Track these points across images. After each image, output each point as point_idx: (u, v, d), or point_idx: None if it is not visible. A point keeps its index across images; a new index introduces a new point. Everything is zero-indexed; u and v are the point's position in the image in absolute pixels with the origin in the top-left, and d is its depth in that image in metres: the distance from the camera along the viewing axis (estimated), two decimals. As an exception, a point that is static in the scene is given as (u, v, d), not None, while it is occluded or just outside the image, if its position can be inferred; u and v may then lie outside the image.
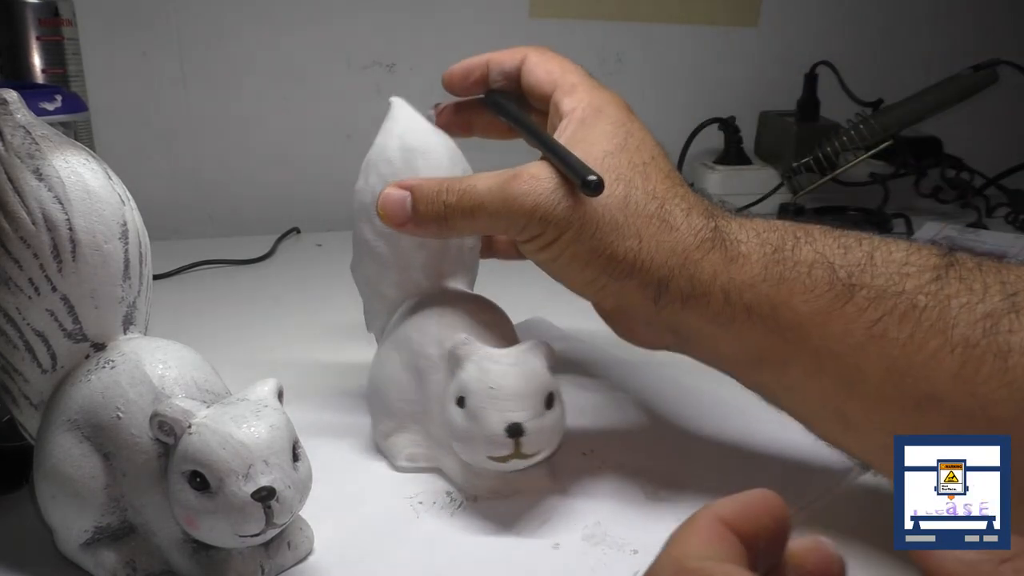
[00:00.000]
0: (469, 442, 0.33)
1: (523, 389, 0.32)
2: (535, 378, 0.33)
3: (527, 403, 0.32)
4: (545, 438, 0.33)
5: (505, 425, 0.32)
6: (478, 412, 0.32)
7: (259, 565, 0.30)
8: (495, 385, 0.32)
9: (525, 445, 0.32)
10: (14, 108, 0.31)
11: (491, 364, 0.33)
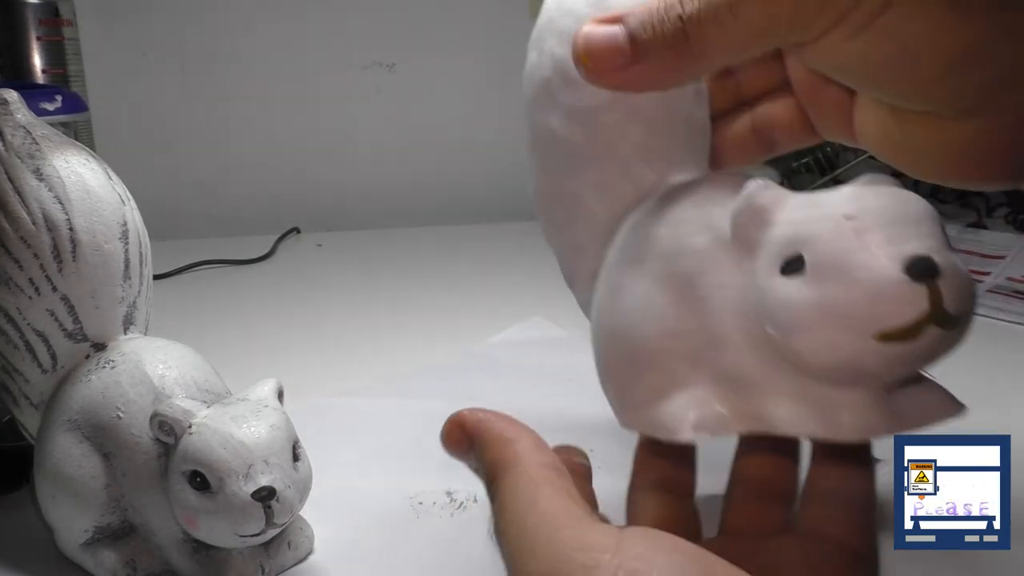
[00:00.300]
0: (833, 320, 0.19)
1: (903, 212, 0.19)
2: (916, 201, 0.20)
3: (923, 229, 0.19)
4: (966, 283, 0.19)
5: (904, 260, 0.18)
6: (841, 259, 0.19)
7: (259, 565, 0.30)
8: (857, 211, 0.19)
9: (945, 295, 0.19)
10: (14, 108, 0.31)
11: (829, 195, 0.20)
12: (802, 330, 0.20)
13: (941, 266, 0.18)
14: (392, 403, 0.46)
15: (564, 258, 0.31)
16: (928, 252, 0.18)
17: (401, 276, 0.72)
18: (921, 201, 0.20)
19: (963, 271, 0.19)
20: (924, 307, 0.18)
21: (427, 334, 0.58)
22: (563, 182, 0.29)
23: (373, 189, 0.91)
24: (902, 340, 0.19)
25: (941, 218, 0.20)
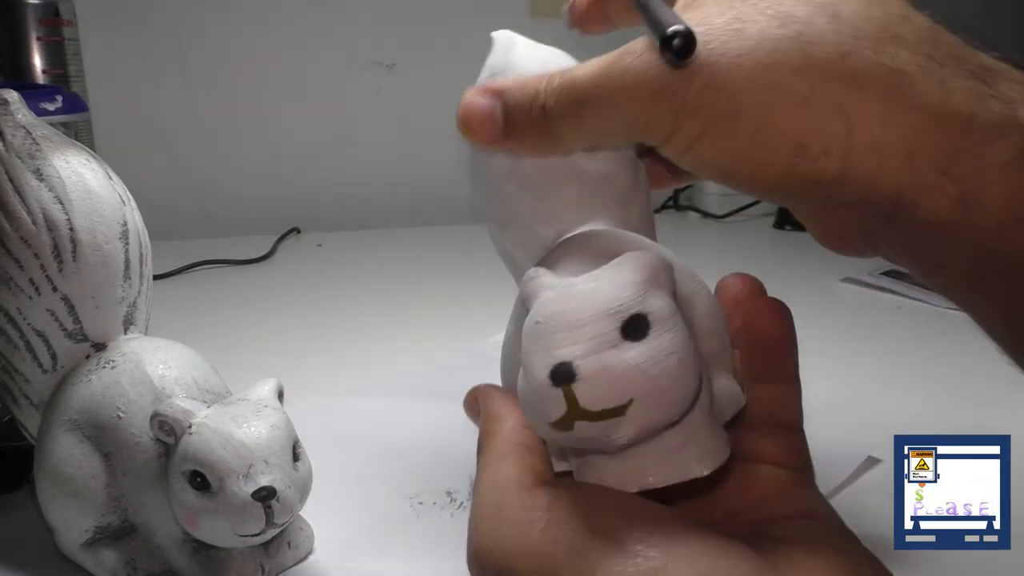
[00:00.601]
0: (527, 406, 0.23)
1: (571, 316, 0.22)
2: (600, 299, 0.22)
3: (578, 334, 0.21)
4: (614, 379, 0.21)
5: (549, 369, 0.21)
6: (525, 359, 0.22)
7: (259, 565, 0.30)
8: (544, 316, 0.22)
9: (579, 396, 0.21)
10: (15, 108, 0.31)
11: (549, 292, 0.23)
12: (523, 409, 0.23)
13: (580, 369, 0.21)
14: (392, 403, 0.46)
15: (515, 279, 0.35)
16: (571, 358, 0.21)
17: (401, 276, 0.72)
18: (606, 300, 0.22)
19: (616, 369, 0.21)
20: (563, 408, 0.21)
21: (427, 334, 0.58)
22: (498, 239, 0.33)
23: (373, 189, 0.91)
24: (562, 430, 0.22)
25: (648, 308, 0.21)
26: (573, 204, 0.29)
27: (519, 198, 0.30)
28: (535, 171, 0.29)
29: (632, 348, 0.21)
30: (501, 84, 0.27)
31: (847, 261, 0.78)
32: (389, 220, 0.91)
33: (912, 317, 0.62)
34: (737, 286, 0.26)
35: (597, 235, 0.28)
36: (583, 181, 0.29)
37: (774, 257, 0.81)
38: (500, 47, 0.32)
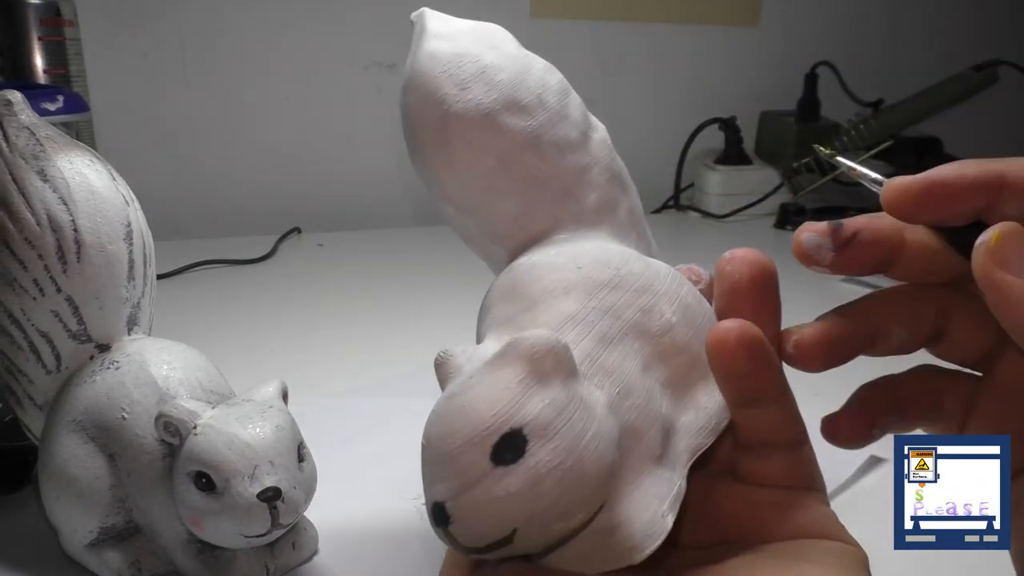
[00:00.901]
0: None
1: (439, 446, 0.21)
2: (465, 424, 0.20)
3: (446, 470, 0.20)
4: (489, 516, 0.20)
5: (431, 504, 0.21)
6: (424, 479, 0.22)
7: (264, 565, 0.30)
8: (425, 438, 0.22)
9: (459, 538, 0.20)
10: (18, 109, 0.31)
11: (440, 400, 0.22)
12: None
13: (452, 511, 0.20)
14: (394, 403, 0.46)
15: None
16: (443, 498, 0.20)
17: (401, 276, 0.72)
18: (473, 422, 0.20)
19: (491, 504, 0.19)
20: (451, 544, 0.20)
21: (428, 334, 0.58)
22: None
23: (373, 189, 0.91)
24: (481, 555, 0.21)
25: (524, 418, 0.20)
26: (514, 218, 0.27)
27: (460, 219, 0.28)
28: (461, 195, 0.27)
29: (505, 476, 0.19)
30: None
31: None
32: (389, 220, 0.91)
33: (912, 317, 0.62)
34: (734, 275, 0.23)
35: (534, 266, 0.25)
36: (517, 192, 0.27)
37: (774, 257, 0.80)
38: (416, 37, 0.28)
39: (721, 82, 1.00)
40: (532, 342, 0.20)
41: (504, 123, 0.26)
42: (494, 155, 0.26)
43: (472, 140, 0.26)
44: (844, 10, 1.04)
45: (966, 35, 1.07)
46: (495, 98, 0.26)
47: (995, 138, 1.03)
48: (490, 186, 0.27)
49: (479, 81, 0.26)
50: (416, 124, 0.27)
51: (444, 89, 0.26)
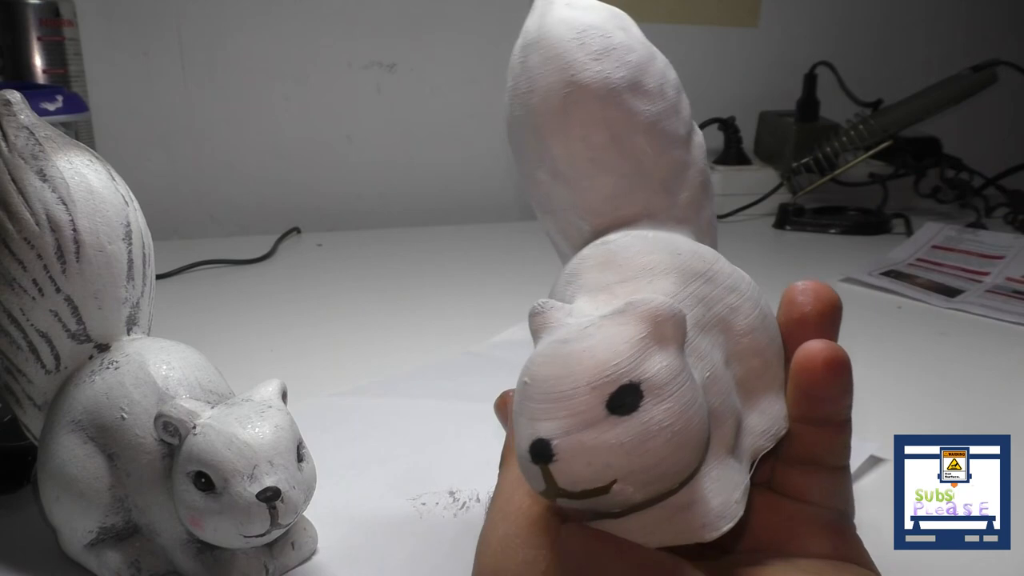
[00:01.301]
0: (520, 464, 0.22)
1: (554, 386, 0.20)
2: (586, 369, 0.20)
3: (559, 409, 0.20)
4: (593, 462, 0.20)
5: (529, 442, 0.20)
6: (514, 419, 0.21)
7: (263, 565, 0.30)
8: (531, 376, 0.21)
9: (556, 477, 0.20)
10: (17, 109, 0.31)
11: (542, 344, 0.22)
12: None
13: (558, 449, 0.19)
14: (394, 403, 0.46)
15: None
16: (550, 435, 0.20)
17: (401, 276, 0.72)
18: (595, 369, 0.20)
19: (597, 449, 0.19)
20: (542, 485, 0.20)
21: (427, 334, 0.58)
22: (544, 227, 0.31)
23: (373, 189, 0.91)
24: (550, 499, 0.21)
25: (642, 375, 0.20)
26: (608, 197, 0.27)
27: (552, 187, 0.28)
28: (565, 162, 0.27)
29: (617, 426, 0.19)
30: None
31: (846, 261, 0.78)
32: (389, 220, 0.91)
33: (912, 317, 0.62)
34: (805, 305, 0.24)
35: (630, 244, 0.26)
36: (617, 171, 0.27)
37: (774, 257, 0.81)
38: (539, 6, 0.29)
39: (720, 82, 1.00)
40: (655, 305, 0.21)
41: (626, 102, 0.27)
42: (610, 131, 0.27)
43: (593, 111, 0.26)
44: (844, 10, 1.04)
45: (965, 35, 1.07)
46: (622, 76, 0.27)
47: (994, 138, 1.03)
48: (596, 159, 0.27)
49: (610, 56, 0.27)
50: (535, 84, 0.27)
51: (575, 55, 0.26)
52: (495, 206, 0.94)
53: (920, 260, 0.74)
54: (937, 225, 0.79)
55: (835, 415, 0.24)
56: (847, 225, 0.86)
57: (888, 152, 0.87)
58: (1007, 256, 0.72)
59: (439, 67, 0.90)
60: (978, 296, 0.65)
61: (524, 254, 0.80)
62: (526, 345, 0.57)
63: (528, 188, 0.29)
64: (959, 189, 0.91)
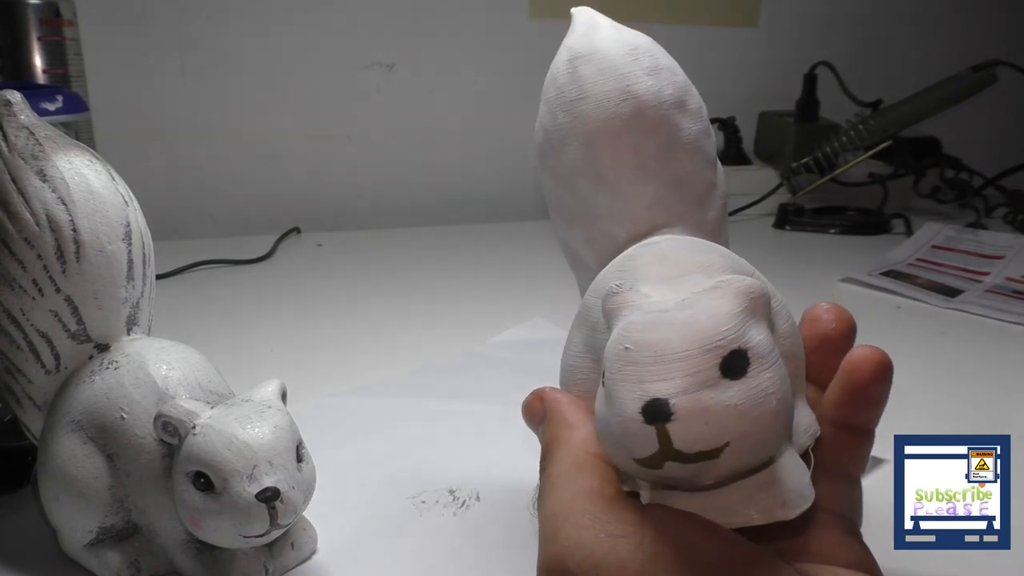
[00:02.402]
0: (609, 437, 0.22)
1: (667, 347, 0.20)
2: (698, 332, 0.20)
3: (675, 369, 0.20)
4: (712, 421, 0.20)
5: (641, 403, 0.20)
6: (611, 387, 0.21)
7: (263, 565, 0.30)
8: (634, 342, 0.21)
9: (674, 437, 0.20)
10: (18, 109, 0.31)
11: (638, 314, 0.22)
12: (600, 437, 0.22)
13: (676, 408, 0.20)
14: (394, 403, 0.46)
15: (579, 283, 0.34)
16: (667, 395, 0.20)
17: (401, 276, 0.72)
18: (706, 332, 0.20)
19: (713, 410, 0.20)
20: (654, 447, 0.20)
21: (428, 334, 0.58)
22: (563, 234, 0.32)
23: (373, 189, 0.91)
24: (649, 467, 0.20)
25: (749, 342, 0.20)
26: (649, 205, 0.28)
27: (592, 194, 0.29)
28: (612, 168, 0.28)
29: (731, 388, 0.20)
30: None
31: (846, 261, 0.78)
32: (389, 220, 0.91)
33: (912, 317, 0.62)
34: (830, 323, 0.26)
35: (680, 245, 0.27)
36: (661, 181, 0.28)
37: (774, 257, 0.81)
38: (582, 26, 0.30)
39: (720, 82, 1.00)
40: (749, 283, 0.21)
41: (673, 117, 0.28)
42: (659, 141, 0.28)
43: (646, 120, 0.28)
44: (843, 10, 1.04)
45: (965, 35, 1.07)
46: (671, 93, 0.29)
47: (994, 138, 1.03)
48: (644, 167, 0.28)
49: (660, 73, 0.29)
50: (588, 92, 0.28)
51: (630, 68, 0.28)
52: (495, 206, 0.94)
53: (920, 260, 0.74)
54: (937, 225, 0.79)
55: (870, 421, 0.25)
56: (847, 225, 0.86)
57: (888, 152, 0.87)
58: (1007, 256, 0.72)
59: (439, 67, 0.90)
60: (978, 296, 0.65)
61: (524, 254, 0.80)
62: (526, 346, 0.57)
63: (560, 197, 0.30)
64: (959, 189, 0.91)
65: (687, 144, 0.29)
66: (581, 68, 0.29)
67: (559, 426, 0.26)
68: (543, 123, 0.30)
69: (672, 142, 0.28)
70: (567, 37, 0.31)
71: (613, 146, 0.28)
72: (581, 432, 0.25)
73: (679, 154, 0.29)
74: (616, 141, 0.28)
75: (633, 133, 0.28)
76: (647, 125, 0.28)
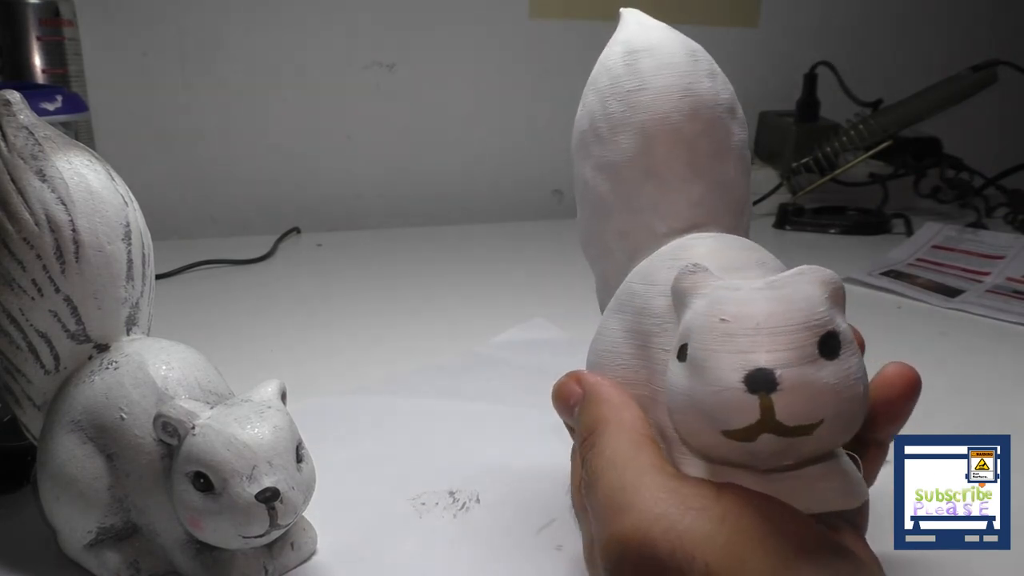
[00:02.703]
0: (693, 410, 0.21)
1: (770, 320, 0.20)
2: (798, 309, 0.20)
3: (780, 341, 0.20)
4: (813, 396, 0.20)
5: (744, 372, 0.20)
6: (703, 357, 0.21)
7: (263, 566, 0.30)
8: (731, 315, 0.21)
9: (777, 408, 0.20)
10: (17, 109, 0.31)
11: (729, 291, 0.22)
12: (677, 412, 0.22)
13: (782, 379, 0.20)
14: (394, 403, 0.46)
15: (598, 288, 0.34)
16: (773, 365, 0.20)
17: (401, 276, 0.72)
18: (807, 310, 0.21)
19: (815, 385, 0.20)
20: (755, 416, 0.20)
21: (428, 334, 0.58)
22: (593, 225, 0.32)
23: (373, 189, 0.91)
24: (741, 440, 0.20)
25: (839, 326, 0.21)
26: (694, 204, 0.29)
27: (638, 186, 0.29)
28: (665, 161, 0.28)
29: (827, 367, 0.20)
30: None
31: (846, 261, 0.78)
32: (389, 220, 0.91)
33: (912, 317, 0.62)
34: (895, 390, 0.26)
35: (730, 241, 0.27)
36: (708, 182, 0.29)
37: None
38: (635, 24, 0.31)
39: (721, 82, 1.00)
40: (829, 273, 0.22)
41: (728, 122, 0.29)
42: (712, 142, 0.29)
43: (703, 121, 0.28)
44: (844, 10, 1.04)
45: (965, 35, 1.07)
46: (726, 99, 0.29)
47: (994, 138, 1.03)
48: (695, 165, 0.29)
49: (717, 78, 0.30)
50: (648, 84, 0.29)
51: (691, 67, 0.29)
52: (495, 206, 0.94)
53: (920, 260, 0.74)
54: (937, 225, 0.79)
55: (891, 435, 0.26)
56: (847, 225, 0.86)
57: (888, 152, 0.87)
58: (1007, 256, 0.72)
59: (439, 67, 0.90)
60: (978, 296, 0.65)
61: (525, 254, 0.80)
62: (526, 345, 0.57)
63: (598, 187, 0.30)
64: (959, 189, 0.91)
65: (735, 150, 0.30)
66: (642, 61, 0.29)
67: (606, 407, 0.26)
68: (591, 111, 0.30)
69: (723, 146, 0.29)
70: (618, 32, 0.31)
71: (670, 140, 0.28)
72: (631, 412, 0.25)
73: (727, 159, 0.29)
74: (674, 135, 0.28)
75: (690, 130, 0.28)
76: (704, 125, 0.28)
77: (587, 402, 0.27)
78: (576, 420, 0.27)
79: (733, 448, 0.21)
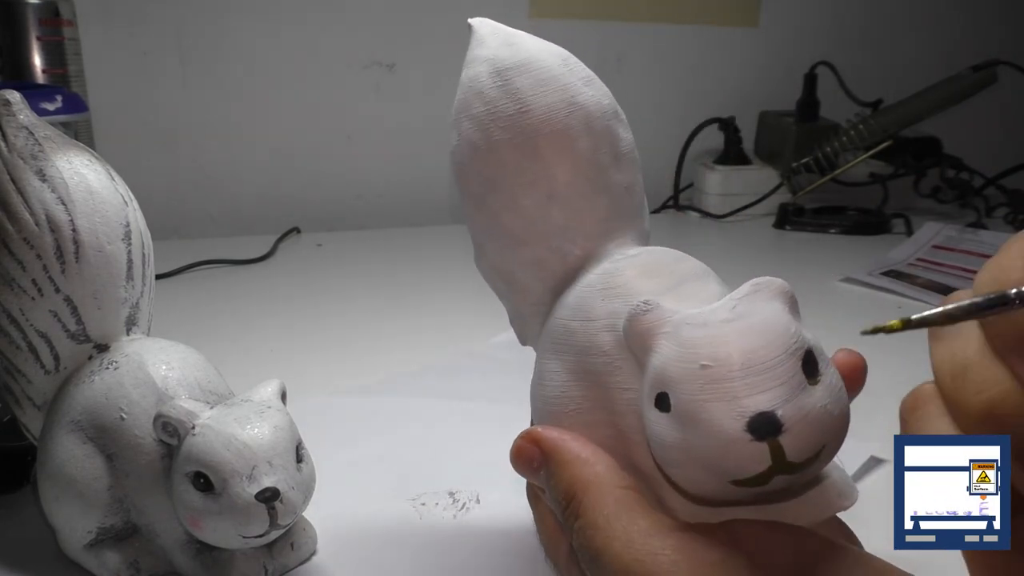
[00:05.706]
0: (693, 463, 0.20)
1: (753, 358, 0.19)
2: (776, 336, 0.19)
3: (770, 378, 0.19)
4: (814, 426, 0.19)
5: (745, 420, 0.19)
6: (693, 409, 0.20)
7: (262, 566, 0.30)
8: (710, 358, 0.20)
9: (787, 449, 0.19)
10: (17, 109, 0.31)
11: (696, 329, 0.20)
12: (672, 466, 0.21)
13: (784, 419, 0.19)
14: (394, 403, 0.46)
15: (512, 321, 0.32)
16: (772, 407, 0.19)
17: (401, 276, 0.72)
18: (784, 335, 0.20)
19: (813, 414, 0.19)
20: (766, 463, 0.19)
21: (428, 334, 0.58)
22: (500, 260, 0.29)
23: (373, 189, 0.91)
24: (754, 486, 0.19)
25: (810, 341, 0.20)
26: (603, 218, 0.27)
27: (543, 212, 0.27)
28: (566, 182, 0.27)
29: (816, 391, 0.19)
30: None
31: (846, 261, 0.78)
32: (389, 220, 0.91)
33: (911, 317, 0.62)
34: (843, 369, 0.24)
35: (658, 255, 0.26)
36: (612, 193, 0.27)
37: (774, 257, 0.81)
38: (492, 37, 0.29)
39: (720, 82, 1.00)
40: (781, 283, 0.21)
41: (615, 127, 0.28)
42: (608, 152, 0.27)
43: (594, 131, 0.27)
44: (844, 10, 1.04)
45: (965, 35, 1.07)
46: (608, 103, 0.28)
47: (994, 138, 1.03)
48: (596, 180, 0.27)
49: (593, 83, 0.28)
50: (530, 105, 0.27)
51: (568, 79, 0.27)
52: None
53: (920, 260, 0.74)
54: (937, 225, 0.79)
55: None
56: (847, 225, 0.86)
57: (888, 152, 0.87)
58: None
59: (439, 67, 0.90)
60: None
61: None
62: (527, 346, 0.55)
63: (496, 220, 0.28)
64: (959, 189, 0.91)
65: (627, 153, 0.28)
66: (516, 80, 0.27)
67: (576, 466, 0.23)
68: (471, 140, 0.28)
69: (617, 152, 0.28)
70: (476, 49, 0.29)
71: (569, 159, 0.27)
72: (604, 467, 0.23)
73: (623, 164, 0.28)
74: (571, 154, 0.27)
75: (586, 145, 0.27)
76: (597, 137, 0.27)
77: (554, 465, 0.24)
78: (545, 483, 0.25)
79: (743, 493, 0.20)
